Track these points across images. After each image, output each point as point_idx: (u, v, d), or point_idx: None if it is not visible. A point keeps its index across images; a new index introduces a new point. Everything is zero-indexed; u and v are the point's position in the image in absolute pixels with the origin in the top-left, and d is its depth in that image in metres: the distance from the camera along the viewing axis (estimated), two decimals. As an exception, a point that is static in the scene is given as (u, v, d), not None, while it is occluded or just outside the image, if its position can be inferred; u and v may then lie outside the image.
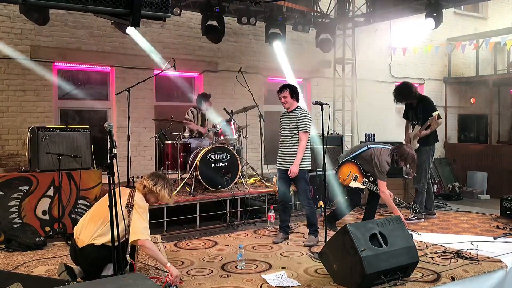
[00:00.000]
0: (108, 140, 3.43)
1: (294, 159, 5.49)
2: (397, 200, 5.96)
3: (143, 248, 3.93)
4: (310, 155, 5.68)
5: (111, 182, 3.27)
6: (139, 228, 3.88)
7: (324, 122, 5.17)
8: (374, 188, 5.86)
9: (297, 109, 5.60)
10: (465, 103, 13.09)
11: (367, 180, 5.90)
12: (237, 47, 9.44)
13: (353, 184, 5.92)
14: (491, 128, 12.09)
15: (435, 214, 6.99)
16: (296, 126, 5.53)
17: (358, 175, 5.92)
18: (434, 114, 6.49)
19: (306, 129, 5.50)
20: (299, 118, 5.52)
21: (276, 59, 9.49)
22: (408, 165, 5.91)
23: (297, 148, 5.50)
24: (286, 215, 5.78)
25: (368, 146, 5.98)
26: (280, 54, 9.08)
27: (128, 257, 4.19)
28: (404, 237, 4.27)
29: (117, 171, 3.30)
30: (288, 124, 5.59)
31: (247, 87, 7.87)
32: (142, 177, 4.36)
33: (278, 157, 5.72)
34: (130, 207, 3.98)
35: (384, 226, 4.23)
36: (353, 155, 6.03)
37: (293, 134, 5.54)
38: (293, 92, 5.58)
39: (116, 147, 3.25)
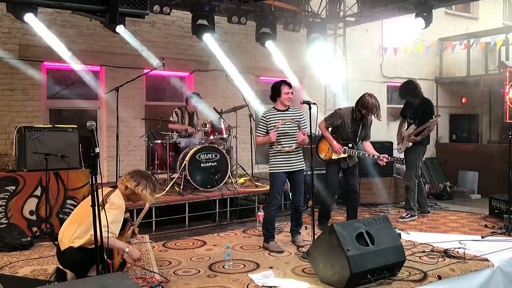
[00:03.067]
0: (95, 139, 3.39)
1: (302, 159, 5.41)
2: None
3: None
4: None
5: (94, 181, 3.24)
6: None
7: (313, 122, 5.14)
8: (356, 153, 5.83)
9: (292, 107, 5.38)
10: (456, 103, 13.14)
11: (346, 148, 5.86)
12: (228, 47, 9.40)
13: (335, 155, 5.88)
14: (482, 128, 12.15)
15: (429, 212, 7.02)
16: (298, 125, 5.29)
17: None
18: (434, 117, 6.54)
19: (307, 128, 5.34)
20: (301, 117, 5.35)
21: (267, 58, 9.49)
22: (371, 113, 5.75)
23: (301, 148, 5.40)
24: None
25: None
26: (271, 54, 9.07)
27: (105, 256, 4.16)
28: (391, 236, 4.26)
29: (100, 170, 3.25)
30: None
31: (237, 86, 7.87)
32: (123, 175, 4.34)
33: (280, 159, 5.29)
34: (102, 206, 3.90)
35: (371, 225, 4.22)
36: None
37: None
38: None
39: (98, 146, 3.23)
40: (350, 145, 5.88)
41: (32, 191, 5.72)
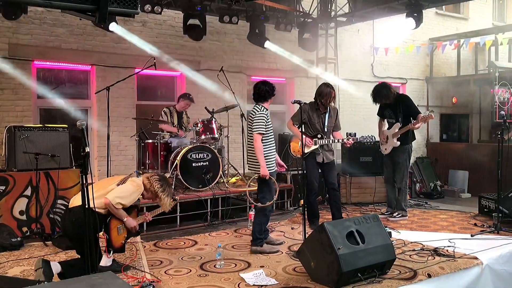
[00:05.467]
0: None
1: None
2: None
3: (106, 205, 4.15)
4: None
5: (84, 181, 3.23)
6: (115, 193, 4.17)
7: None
8: (325, 142, 6.00)
9: None
10: (446, 103, 13.23)
11: (316, 139, 6.01)
12: (219, 46, 9.42)
13: (307, 149, 5.96)
14: (472, 127, 12.26)
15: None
16: None
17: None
18: (429, 112, 6.57)
19: None
20: None
21: (259, 58, 9.50)
22: (328, 100, 6.01)
23: None
24: None
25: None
26: (263, 53, 9.10)
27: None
28: (381, 235, 4.29)
29: (91, 170, 3.25)
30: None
31: (229, 86, 7.87)
32: (150, 173, 4.65)
33: (271, 159, 5.25)
34: (122, 183, 4.28)
35: (361, 224, 4.24)
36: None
37: None
38: None
39: (89, 145, 3.22)
40: (319, 135, 6.03)
41: (22, 191, 5.69)
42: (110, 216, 4.25)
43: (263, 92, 5.23)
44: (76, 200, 4.17)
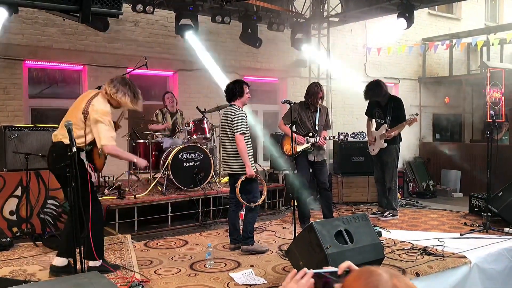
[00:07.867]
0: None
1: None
2: None
3: (109, 154, 4.20)
4: None
5: (72, 181, 3.23)
6: (106, 135, 4.09)
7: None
8: (317, 140, 6.02)
9: None
10: (439, 103, 13.27)
11: (308, 138, 6.06)
12: (212, 46, 9.41)
13: (299, 148, 6.01)
14: (464, 127, 12.31)
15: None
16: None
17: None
18: (412, 116, 6.59)
19: None
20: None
21: (251, 58, 9.50)
22: (315, 99, 6.03)
23: None
24: None
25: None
26: (255, 53, 9.11)
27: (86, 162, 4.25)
28: (370, 234, 4.30)
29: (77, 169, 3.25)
30: None
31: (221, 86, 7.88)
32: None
33: (252, 159, 5.21)
34: (85, 113, 4.11)
35: (350, 223, 4.25)
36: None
37: None
38: None
39: (75, 145, 3.22)
40: (310, 134, 6.07)
41: (12, 191, 5.67)
42: (91, 146, 4.20)
43: (233, 91, 5.21)
44: (58, 132, 4.22)
